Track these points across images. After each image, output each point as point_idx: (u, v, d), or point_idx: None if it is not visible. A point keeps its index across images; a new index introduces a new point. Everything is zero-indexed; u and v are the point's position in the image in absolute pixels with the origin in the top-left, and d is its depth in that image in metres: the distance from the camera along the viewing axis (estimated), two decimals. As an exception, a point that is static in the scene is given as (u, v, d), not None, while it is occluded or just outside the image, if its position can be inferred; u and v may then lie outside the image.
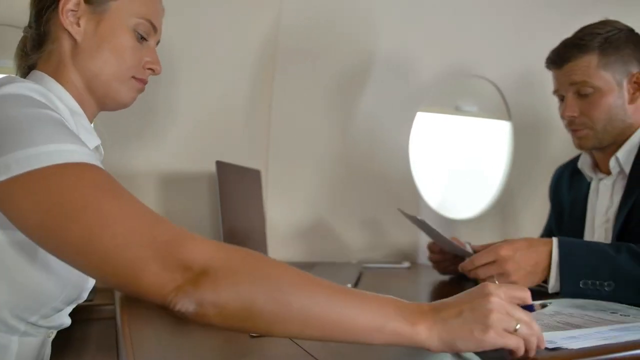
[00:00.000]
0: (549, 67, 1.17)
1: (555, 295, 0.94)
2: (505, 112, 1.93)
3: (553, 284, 0.91)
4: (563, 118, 1.16)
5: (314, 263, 1.48)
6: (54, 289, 0.69)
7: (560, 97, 1.17)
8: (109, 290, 1.11)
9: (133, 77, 0.81)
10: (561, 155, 1.41)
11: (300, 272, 0.55)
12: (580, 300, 0.92)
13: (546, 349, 0.63)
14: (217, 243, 0.54)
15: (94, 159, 0.58)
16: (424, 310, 0.55)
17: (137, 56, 0.81)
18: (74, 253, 0.53)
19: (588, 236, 1.19)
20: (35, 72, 0.77)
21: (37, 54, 0.78)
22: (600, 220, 1.16)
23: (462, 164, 2.04)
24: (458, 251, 1.17)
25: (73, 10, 0.76)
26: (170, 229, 0.54)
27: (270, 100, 1.54)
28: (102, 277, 0.53)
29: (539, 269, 0.92)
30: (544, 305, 0.66)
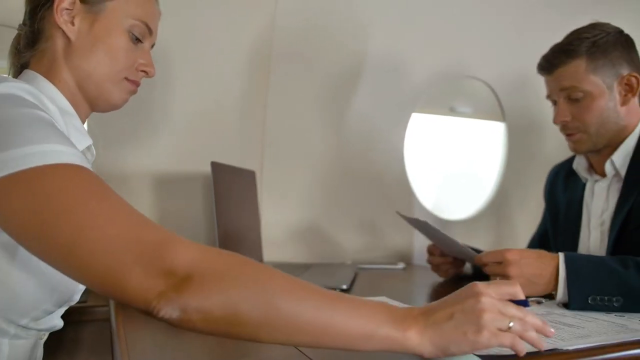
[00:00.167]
0: (540, 73, 1.18)
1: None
2: (499, 113, 1.93)
3: (561, 299, 0.91)
4: (556, 123, 1.17)
5: (309, 264, 1.47)
6: (41, 291, 0.68)
7: (553, 102, 1.18)
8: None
9: (126, 79, 0.81)
10: (555, 156, 1.42)
11: (289, 277, 0.53)
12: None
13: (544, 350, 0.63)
14: (203, 247, 0.53)
15: (82, 160, 0.57)
16: (414, 315, 0.54)
17: (131, 58, 0.80)
18: (59, 256, 0.52)
19: (584, 238, 1.19)
20: (27, 72, 0.76)
21: (31, 52, 0.78)
22: (595, 223, 1.16)
23: (457, 164, 2.05)
24: (463, 251, 1.16)
25: (68, 9, 0.75)
26: (156, 233, 0.52)
27: (265, 101, 1.54)
28: (87, 282, 0.52)
29: (541, 280, 0.92)
30: (539, 302, 0.66)
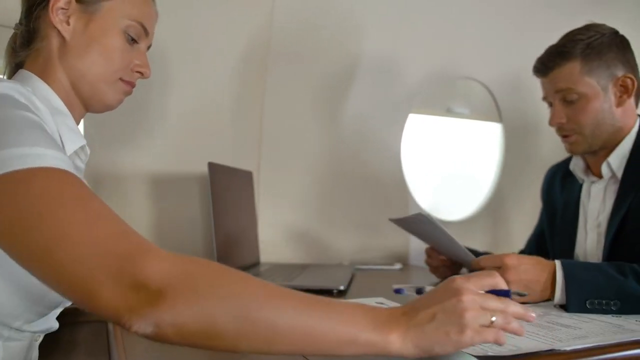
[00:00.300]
0: (535, 75, 1.18)
1: None
2: (496, 114, 1.94)
3: (558, 301, 0.92)
4: (551, 125, 1.17)
5: (306, 265, 1.47)
6: (27, 298, 0.66)
7: (549, 104, 1.18)
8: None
9: (121, 80, 0.80)
10: (552, 157, 1.42)
11: (266, 285, 0.52)
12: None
13: (541, 351, 0.63)
14: (178, 258, 0.51)
15: (68, 164, 0.56)
16: (396, 316, 0.53)
17: (126, 58, 0.80)
18: (34, 263, 0.50)
19: (580, 239, 1.19)
20: (21, 72, 0.76)
21: (26, 52, 0.77)
22: (592, 224, 1.16)
23: (454, 165, 2.05)
24: (459, 253, 1.15)
25: (64, 9, 0.75)
26: (129, 243, 0.50)
27: (262, 102, 1.54)
28: (60, 291, 0.50)
29: (538, 287, 0.92)
30: (521, 294, 0.65)
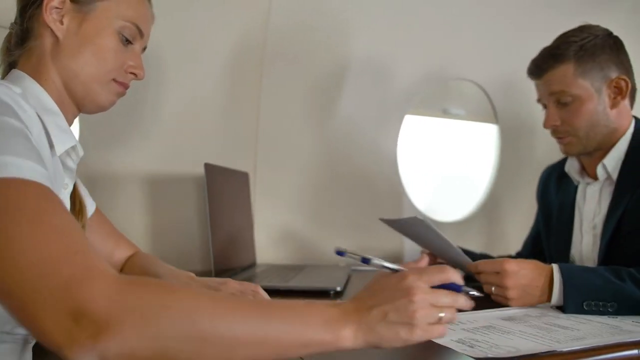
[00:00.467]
0: (529, 77, 1.18)
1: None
2: (492, 115, 1.94)
3: (555, 302, 0.92)
4: (546, 128, 1.17)
5: (303, 266, 1.47)
6: None
7: (544, 106, 1.18)
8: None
9: (114, 80, 0.79)
10: (548, 158, 1.42)
11: (217, 298, 0.52)
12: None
13: (540, 353, 0.63)
14: (124, 282, 0.48)
15: (41, 174, 0.54)
16: (348, 312, 0.55)
17: (120, 59, 0.79)
18: None
19: (576, 241, 1.19)
20: (14, 71, 0.76)
21: (20, 51, 0.77)
22: (587, 226, 1.16)
23: (449, 166, 2.05)
24: (455, 257, 1.14)
25: (57, 8, 0.75)
26: (76, 265, 0.47)
27: (258, 103, 1.53)
28: (10, 314, 0.47)
29: (536, 291, 0.92)
30: (476, 295, 0.65)
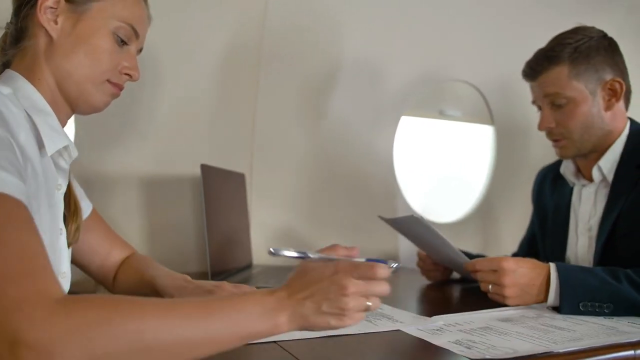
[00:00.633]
0: (524, 79, 1.18)
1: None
2: (488, 117, 1.95)
3: (552, 303, 0.92)
4: (540, 130, 1.17)
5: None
6: None
7: (538, 107, 1.18)
8: (89, 294, 1.08)
9: (108, 81, 0.79)
10: (543, 159, 1.42)
11: (159, 305, 0.52)
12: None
13: (537, 354, 0.63)
14: (66, 303, 0.47)
15: (14, 186, 0.54)
16: (282, 301, 0.58)
17: (114, 60, 0.79)
18: None
19: (571, 243, 1.19)
20: (7, 71, 0.76)
21: (14, 50, 0.77)
22: (583, 228, 1.16)
23: (445, 167, 2.05)
24: (451, 256, 1.14)
25: (52, 8, 0.75)
26: (21, 289, 0.46)
27: (254, 104, 1.53)
28: None
29: (534, 290, 0.93)
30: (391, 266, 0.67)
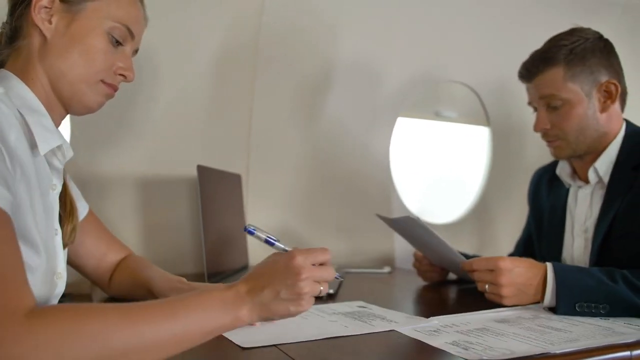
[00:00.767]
0: (520, 80, 1.19)
1: None
2: (484, 118, 1.95)
3: (548, 304, 0.93)
4: (536, 131, 1.17)
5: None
6: None
7: (534, 109, 1.19)
8: (85, 295, 1.08)
9: (102, 82, 0.79)
10: (539, 161, 1.43)
11: (125, 311, 0.53)
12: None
13: (534, 355, 0.63)
14: (34, 317, 0.48)
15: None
16: (241, 295, 0.62)
17: (109, 60, 0.78)
18: None
19: (567, 244, 1.20)
20: (1, 71, 0.75)
21: (8, 50, 0.77)
22: (579, 229, 1.17)
23: (441, 168, 2.06)
24: (448, 257, 1.14)
25: (47, 7, 0.74)
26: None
27: (251, 105, 1.53)
28: None
29: (530, 290, 0.93)
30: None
